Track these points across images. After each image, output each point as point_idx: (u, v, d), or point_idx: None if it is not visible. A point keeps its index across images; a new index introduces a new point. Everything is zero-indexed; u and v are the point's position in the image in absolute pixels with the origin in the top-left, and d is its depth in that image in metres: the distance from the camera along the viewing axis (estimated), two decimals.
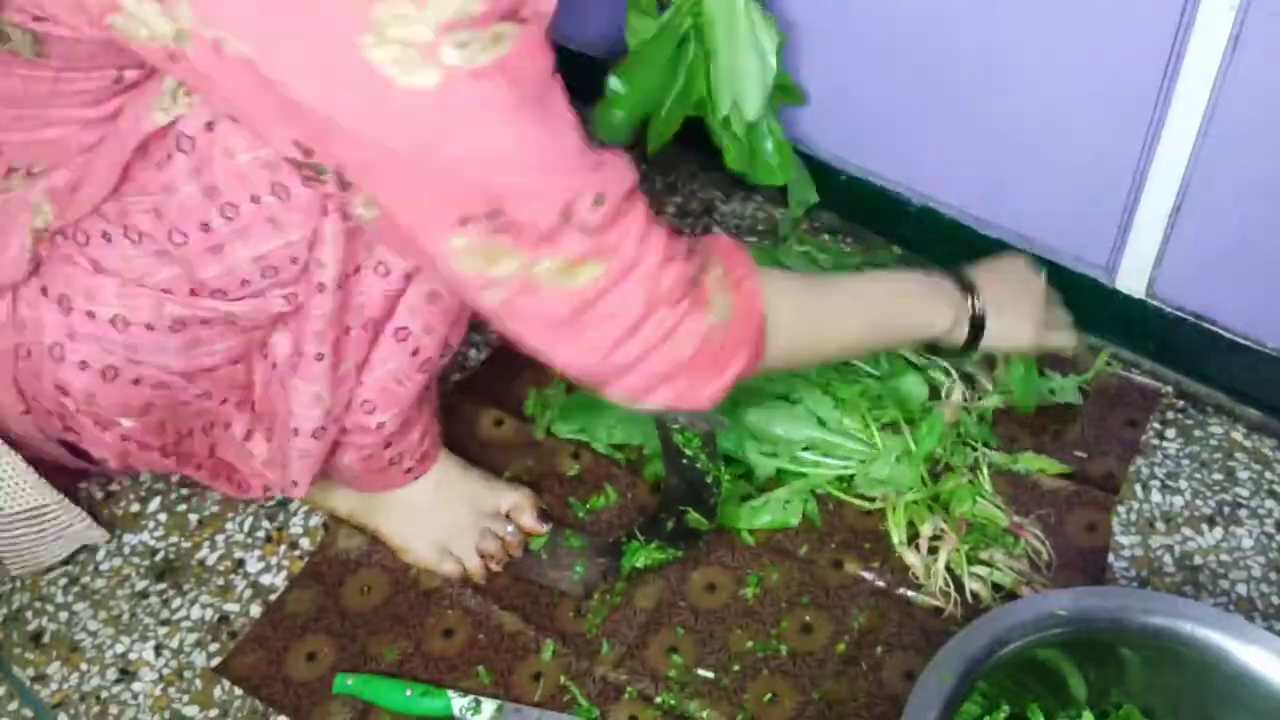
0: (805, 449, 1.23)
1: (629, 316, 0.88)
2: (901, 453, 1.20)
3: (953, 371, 1.27)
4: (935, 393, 1.26)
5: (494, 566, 1.20)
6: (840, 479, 1.23)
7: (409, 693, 1.11)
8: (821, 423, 1.23)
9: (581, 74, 1.09)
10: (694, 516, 1.18)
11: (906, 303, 1.09)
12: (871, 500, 1.21)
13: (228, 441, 1.09)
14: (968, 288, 1.10)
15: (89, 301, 0.94)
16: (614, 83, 1.32)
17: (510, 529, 1.21)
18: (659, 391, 0.93)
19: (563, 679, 1.12)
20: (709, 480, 1.16)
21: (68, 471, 1.15)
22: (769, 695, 1.10)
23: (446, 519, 1.20)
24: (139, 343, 0.96)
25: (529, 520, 1.21)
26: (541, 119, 0.82)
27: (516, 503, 1.22)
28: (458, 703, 1.10)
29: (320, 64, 0.77)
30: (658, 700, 1.10)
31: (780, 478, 1.23)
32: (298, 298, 0.97)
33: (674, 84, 1.33)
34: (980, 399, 1.27)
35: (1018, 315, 1.15)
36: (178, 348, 0.97)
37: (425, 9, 0.76)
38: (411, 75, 0.77)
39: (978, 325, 1.11)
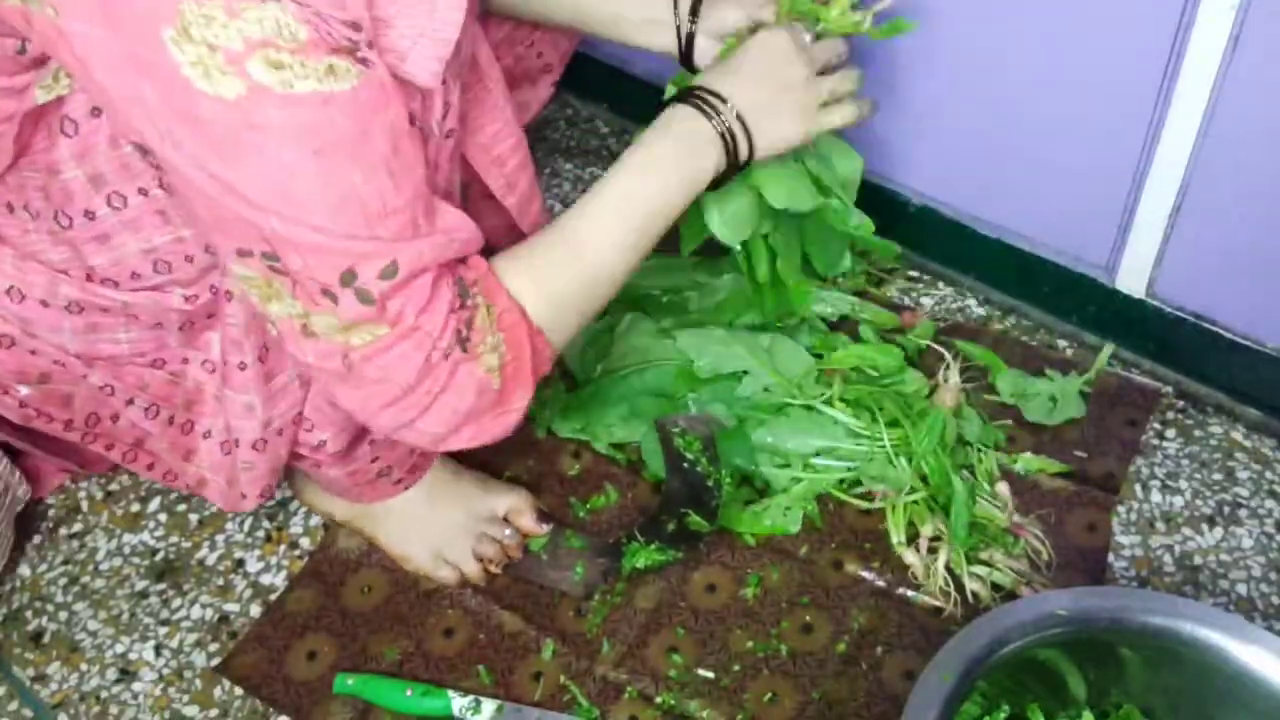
0: (816, 455, 1.23)
1: (402, 381, 0.87)
2: (904, 449, 1.20)
3: (947, 356, 1.26)
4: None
5: (493, 569, 1.20)
6: (843, 481, 1.23)
7: (409, 692, 1.11)
8: (835, 423, 1.23)
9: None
10: (694, 519, 1.18)
11: (666, 187, 1.01)
12: (871, 499, 1.21)
13: (154, 445, 1.06)
14: (715, 112, 1.01)
15: None
16: None
17: (508, 532, 1.21)
18: (453, 438, 0.93)
19: (563, 679, 1.12)
20: (709, 483, 1.16)
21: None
22: (769, 695, 1.10)
23: (441, 526, 1.19)
24: (33, 317, 0.94)
25: (528, 522, 1.21)
26: (353, 170, 0.79)
27: (514, 505, 1.22)
28: (458, 702, 1.10)
29: (122, 50, 0.74)
30: (658, 700, 1.10)
31: (789, 484, 1.23)
32: (198, 299, 0.95)
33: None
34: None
35: (778, 116, 1.05)
36: (75, 329, 0.95)
37: (236, 19, 0.73)
38: (210, 81, 0.73)
39: (739, 152, 1.03)
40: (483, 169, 1.02)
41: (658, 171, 1.00)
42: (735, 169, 1.04)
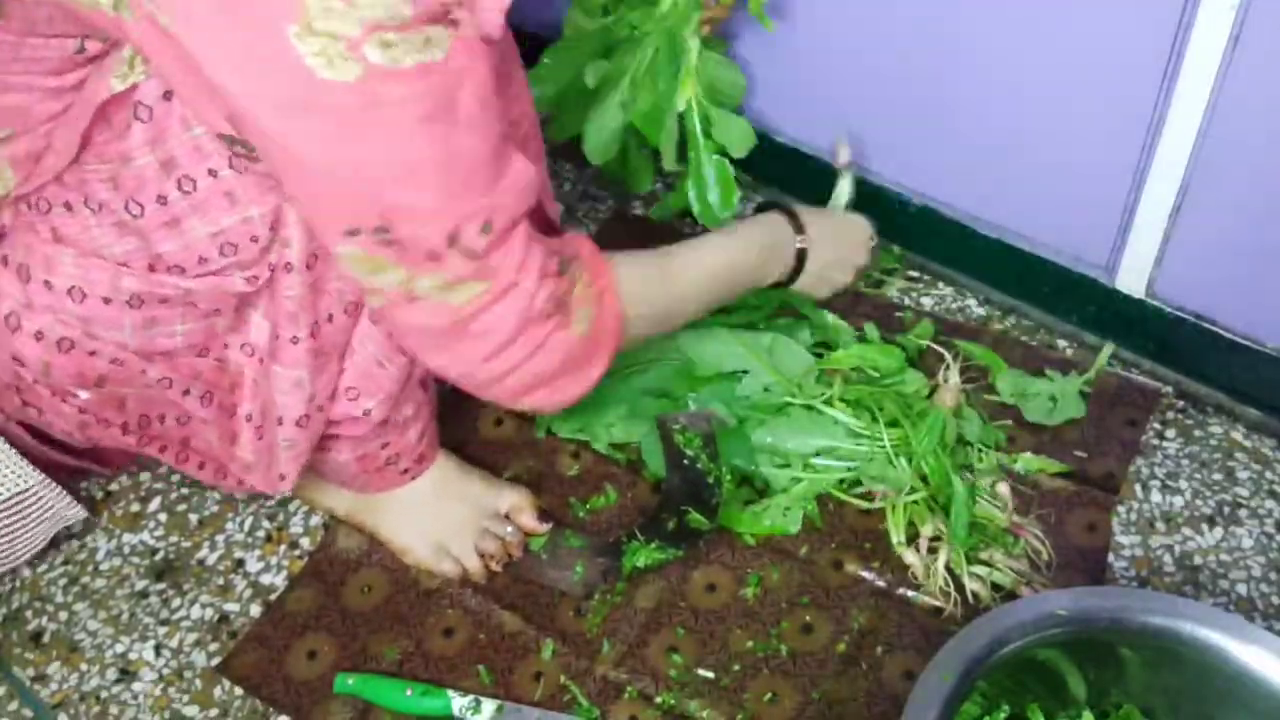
0: (816, 455, 1.23)
1: (501, 335, 0.92)
2: (904, 449, 1.20)
3: (947, 356, 1.26)
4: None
5: (494, 566, 1.20)
6: (842, 481, 1.23)
7: (409, 692, 1.11)
8: (835, 423, 1.23)
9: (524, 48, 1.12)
10: (695, 517, 1.18)
11: (747, 271, 1.18)
12: (871, 499, 1.21)
13: (204, 437, 1.08)
14: (800, 232, 1.22)
15: (46, 271, 0.94)
16: (545, 59, 1.37)
17: (510, 529, 1.21)
18: (529, 397, 0.99)
19: (563, 678, 1.12)
20: (710, 480, 1.16)
21: (33, 457, 1.13)
22: (769, 695, 1.10)
23: (445, 519, 1.20)
24: (95, 316, 0.95)
25: (529, 520, 1.21)
26: (454, 133, 0.83)
27: (515, 503, 1.22)
28: (458, 702, 1.10)
29: (243, 48, 0.77)
30: (658, 700, 1.10)
31: (789, 484, 1.23)
32: (258, 280, 0.96)
33: (585, 94, 1.36)
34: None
35: (823, 275, 1.26)
36: (134, 325, 0.96)
37: (353, 6, 0.76)
38: (333, 68, 0.77)
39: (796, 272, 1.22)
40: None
41: (754, 266, 1.18)
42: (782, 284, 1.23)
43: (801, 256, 1.21)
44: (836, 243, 1.27)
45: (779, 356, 1.28)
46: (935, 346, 1.31)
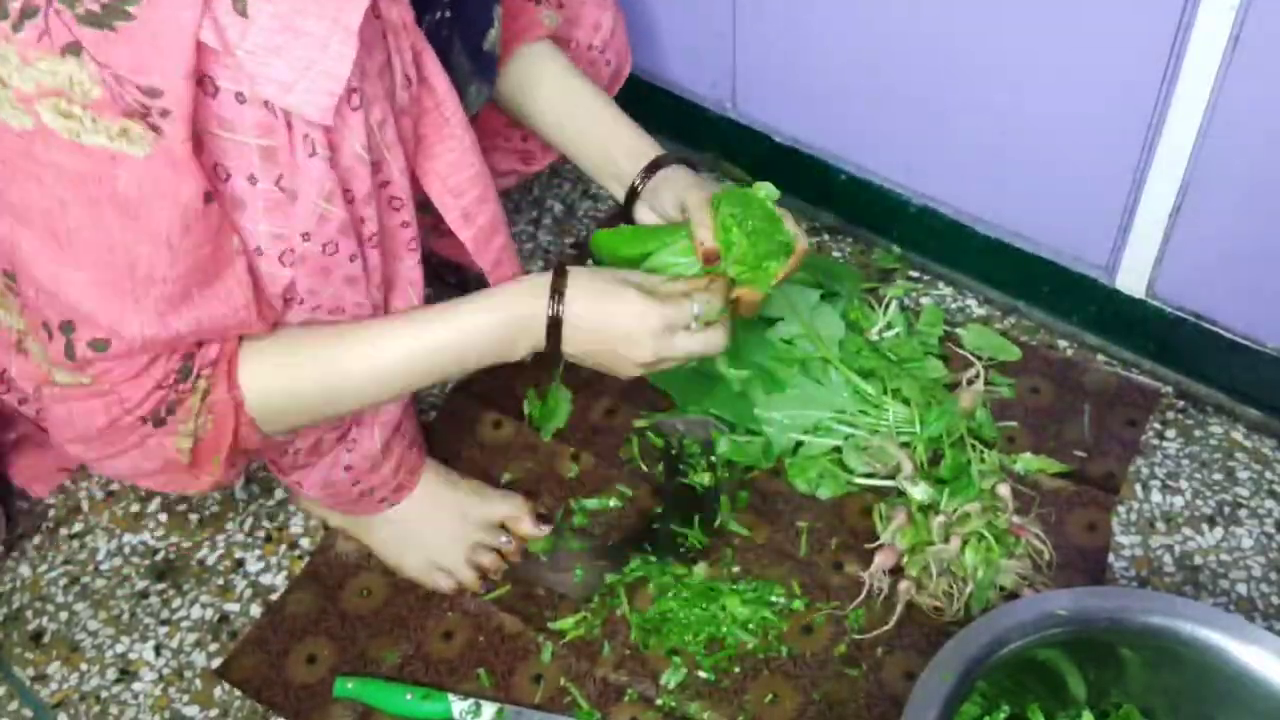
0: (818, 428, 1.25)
1: (85, 428, 0.92)
2: (909, 430, 1.21)
3: (977, 365, 1.29)
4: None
5: (493, 578, 1.20)
6: (847, 438, 1.24)
7: (409, 696, 1.11)
8: (845, 389, 1.25)
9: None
10: (695, 534, 1.18)
11: (466, 357, 1.00)
12: (872, 485, 1.22)
13: None
14: (559, 301, 0.99)
15: None
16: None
17: (504, 539, 1.20)
18: (138, 481, 0.99)
19: (563, 681, 1.12)
20: (707, 485, 1.16)
21: None
22: (769, 696, 1.10)
23: (435, 535, 1.19)
24: None
25: (526, 527, 1.21)
26: (127, 230, 0.82)
27: (510, 512, 1.21)
28: (458, 706, 1.10)
29: None
30: (658, 702, 1.10)
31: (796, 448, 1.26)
32: None
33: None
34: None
35: (601, 364, 1.04)
36: None
37: (29, 67, 0.77)
38: (2, 110, 0.78)
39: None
40: (436, 196, 1.00)
41: (469, 347, 0.99)
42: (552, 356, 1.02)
43: (554, 330, 0.99)
44: (600, 330, 1.00)
45: (817, 316, 1.30)
46: (964, 352, 1.33)
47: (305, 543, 1.25)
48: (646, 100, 1.59)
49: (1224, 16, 1.05)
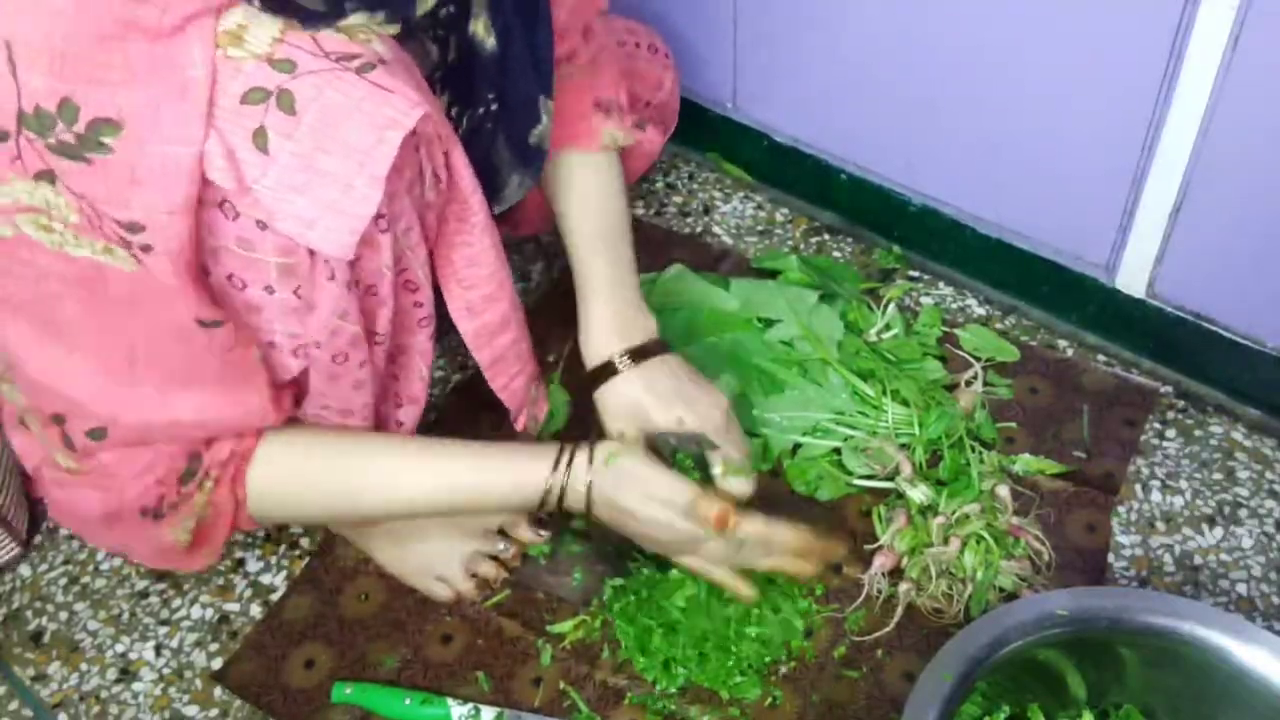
0: (816, 429, 1.26)
1: (82, 512, 0.95)
2: (908, 432, 1.22)
3: (976, 366, 1.29)
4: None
5: (494, 586, 1.19)
6: (846, 439, 1.24)
7: (408, 701, 1.10)
8: (844, 391, 1.25)
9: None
10: None
11: (484, 503, 1.03)
12: (871, 486, 1.22)
13: None
14: (568, 469, 1.01)
15: None
16: None
17: (502, 545, 1.20)
18: (132, 560, 1.07)
19: (562, 684, 1.12)
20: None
21: None
22: (769, 699, 1.10)
23: (432, 544, 1.18)
24: None
25: (524, 533, 1.20)
26: (122, 322, 0.81)
27: (508, 518, 1.21)
28: (457, 710, 1.10)
29: None
30: (658, 705, 1.10)
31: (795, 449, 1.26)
32: None
33: None
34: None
35: (636, 536, 1.06)
36: None
37: (5, 184, 0.75)
38: None
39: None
40: (444, 285, 1.00)
41: (488, 498, 1.02)
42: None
43: (563, 497, 1.02)
44: (626, 504, 1.02)
45: (815, 317, 1.31)
46: (963, 353, 1.33)
47: (305, 543, 1.25)
48: None
49: (1224, 16, 1.05)
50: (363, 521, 1.07)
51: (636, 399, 1.09)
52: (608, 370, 1.11)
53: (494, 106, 1.04)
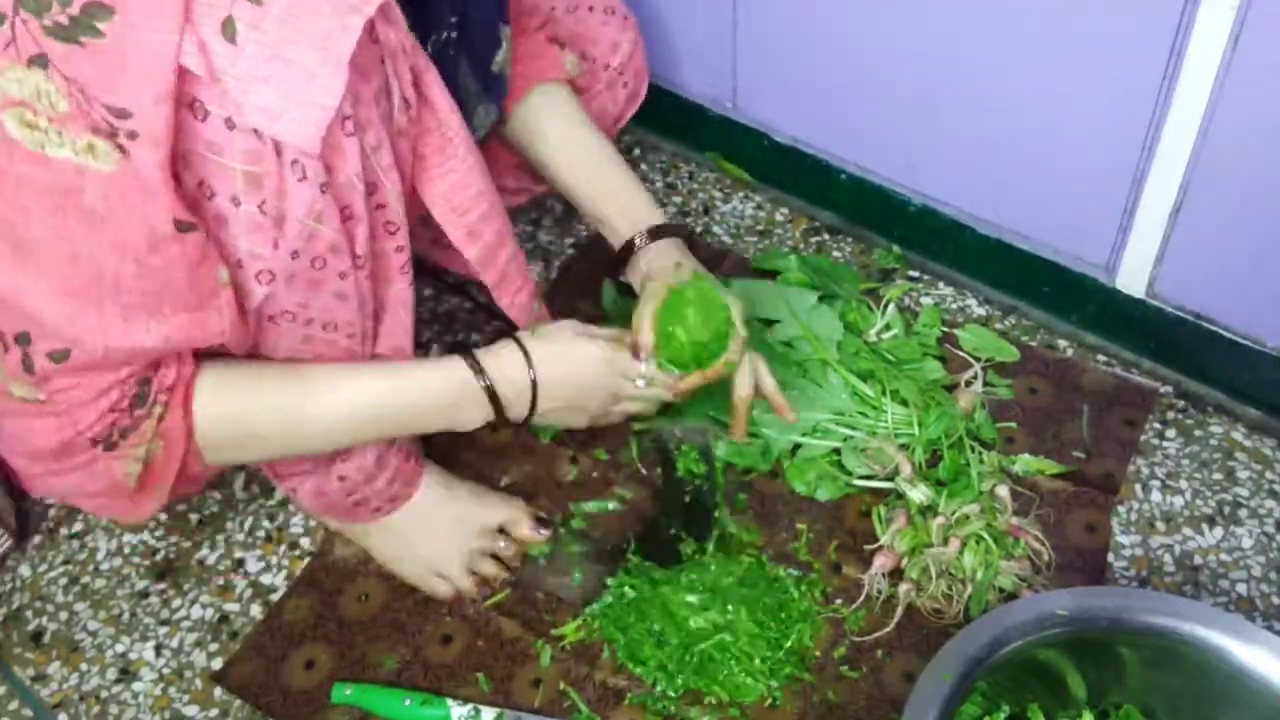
0: (816, 430, 1.25)
1: (36, 444, 0.92)
2: (908, 432, 1.22)
3: (975, 367, 1.30)
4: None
5: (493, 585, 1.19)
6: (846, 440, 1.24)
7: (407, 701, 1.10)
8: (844, 391, 1.25)
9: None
10: (693, 538, 1.18)
11: (415, 419, 1.05)
12: (871, 486, 1.22)
13: None
14: (481, 373, 1.04)
15: None
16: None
17: (503, 544, 1.20)
18: (77, 503, 1.01)
19: (562, 685, 1.12)
20: (705, 490, 1.16)
21: None
22: (769, 699, 1.10)
23: (433, 542, 1.18)
24: None
25: (526, 532, 1.20)
26: (90, 239, 0.81)
27: (509, 517, 1.21)
28: (457, 711, 1.10)
29: None
30: (658, 706, 1.10)
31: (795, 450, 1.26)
32: None
33: None
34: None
35: (564, 416, 1.11)
36: None
37: None
38: None
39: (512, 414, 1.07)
40: (441, 217, 1.00)
41: (423, 408, 1.04)
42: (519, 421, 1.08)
43: (494, 397, 1.04)
44: (565, 386, 1.08)
45: (814, 318, 1.32)
46: (962, 353, 1.33)
47: (305, 543, 1.25)
48: (647, 100, 1.59)
49: (1224, 16, 1.05)
50: (308, 444, 1.03)
51: (662, 264, 1.15)
52: (629, 249, 1.18)
53: (454, 34, 1.05)
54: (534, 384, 1.05)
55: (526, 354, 1.05)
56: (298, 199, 0.85)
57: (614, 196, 1.20)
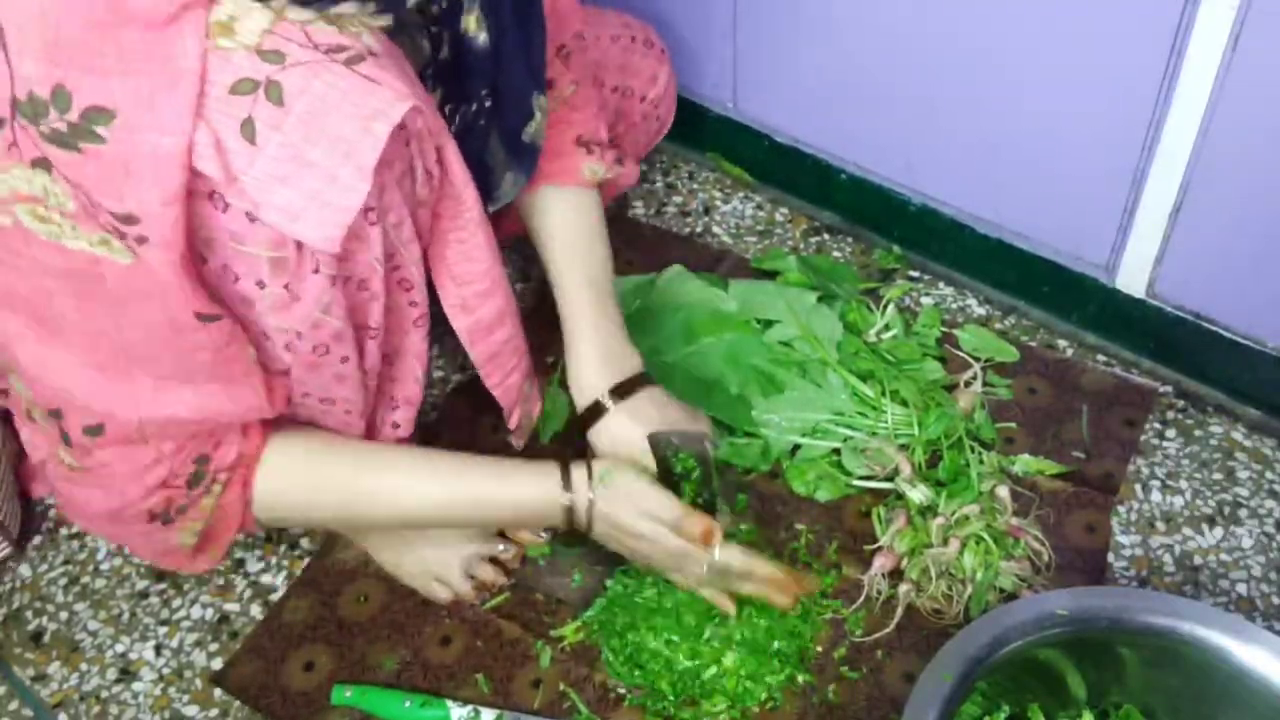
0: (816, 430, 1.26)
1: (88, 511, 0.94)
2: (908, 432, 1.22)
3: (975, 367, 1.29)
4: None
5: (493, 589, 1.19)
6: (845, 441, 1.24)
7: (407, 704, 1.10)
8: (843, 392, 1.26)
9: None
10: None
11: (475, 517, 1.08)
12: (871, 487, 1.22)
13: None
14: (571, 490, 1.04)
15: None
16: None
17: (501, 546, 1.20)
18: (136, 555, 1.07)
19: (562, 686, 1.12)
20: (704, 498, 1.15)
21: None
22: (769, 700, 1.10)
23: (431, 545, 1.17)
24: None
25: (525, 534, 1.20)
26: (113, 319, 0.81)
27: None
28: (457, 712, 1.10)
29: None
30: (658, 707, 1.10)
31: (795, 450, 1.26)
32: None
33: None
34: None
35: (630, 552, 1.10)
36: None
37: (3, 173, 0.74)
38: None
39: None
40: (438, 283, 1.00)
41: (493, 514, 1.08)
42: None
43: (569, 515, 1.05)
44: (621, 520, 1.06)
45: (814, 318, 1.31)
46: (962, 354, 1.33)
47: (305, 543, 1.25)
48: None
49: (1224, 16, 1.05)
50: (369, 528, 1.08)
51: (626, 435, 1.12)
52: (597, 411, 1.14)
53: (487, 103, 1.04)
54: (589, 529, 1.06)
55: (591, 506, 1.04)
56: (310, 287, 0.85)
57: (577, 335, 1.16)
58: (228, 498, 0.94)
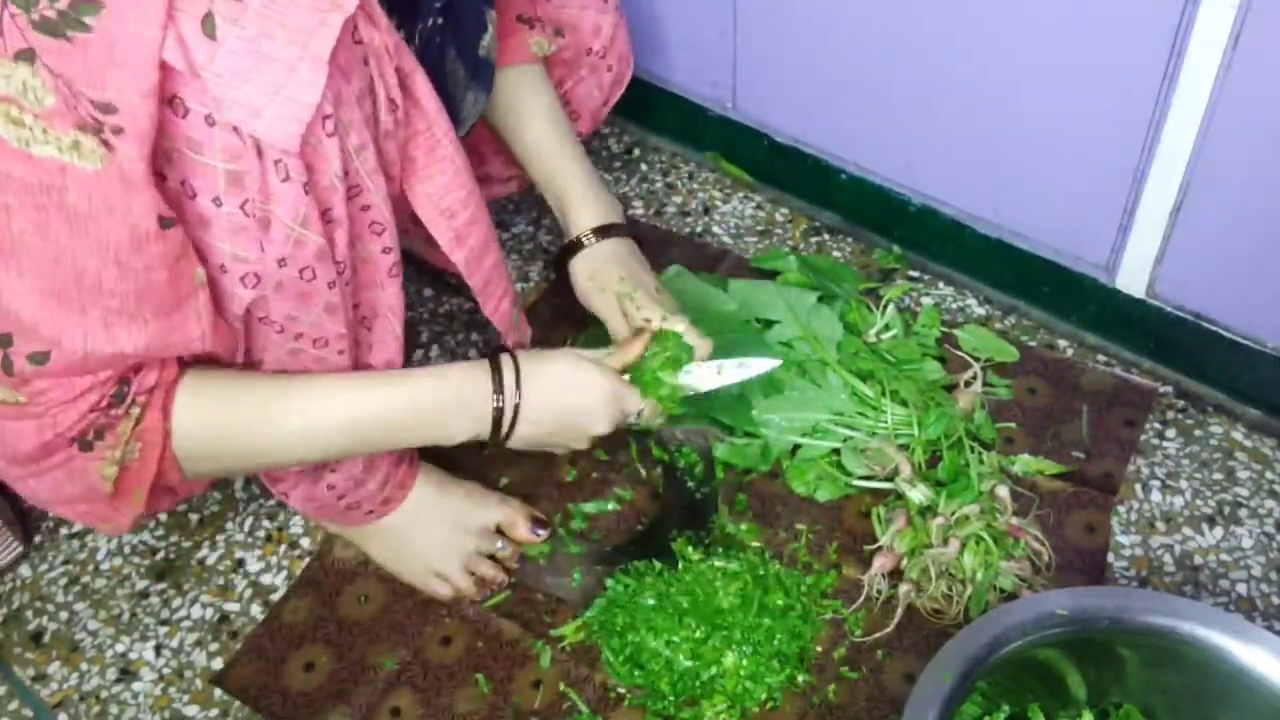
0: (816, 430, 1.26)
1: (14, 448, 0.90)
2: (908, 433, 1.22)
3: (975, 367, 1.30)
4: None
5: (494, 588, 1.19)
6: (845, 441, 1.24)
7: None
8: (843, 392, 1.26)
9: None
10: (693, 539, 1.18)
11: (405, 428, 1.02)
12: (871, 487, 1.22)
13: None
14: (501, 392, 1.03)
15: None
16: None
17: (500, 544, 1.20)
18: (56, 509, 0.98)
19: (563, 686, 1.12)
20: (705, 493, 1.16)
21: None
22: (769, 700, 1.10)
23: (429, 543, 1.18)
24: None
25: (522, 533, 1.20)
26: (74, 240, 0.80)
27: (506, 518, 1.21)
28: None
29: None
30: (658, 706, 1.10)
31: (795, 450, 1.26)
32: None
33: None
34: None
35: (545, 440, 1.08)
36: None
37: None
38: None
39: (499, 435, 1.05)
40: (429, 220, 1.00)
41: (409, 419, 1.01)
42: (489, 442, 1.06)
43: (498, 419, 1.03)
44: (557, 411, 1.06)
45: (814, 318, 1.32)
46: (962, 354, 1.33)
47: (305, 543, 1.25)
48: (647, 100, 1.59)
49: (1224, 16, 1.05)
50: (285, 458, 1.02)
51: (601, 269, 1.19)
52: (578, 245, 1.20)
53: (440, 20, 1.04)
54: (517, 407, 1.03)
55: (518, 373, 1.03)
56: (283, 201, 0.85)
57: (567, 187, 1.22)
58: (146, 424, 0.93)
